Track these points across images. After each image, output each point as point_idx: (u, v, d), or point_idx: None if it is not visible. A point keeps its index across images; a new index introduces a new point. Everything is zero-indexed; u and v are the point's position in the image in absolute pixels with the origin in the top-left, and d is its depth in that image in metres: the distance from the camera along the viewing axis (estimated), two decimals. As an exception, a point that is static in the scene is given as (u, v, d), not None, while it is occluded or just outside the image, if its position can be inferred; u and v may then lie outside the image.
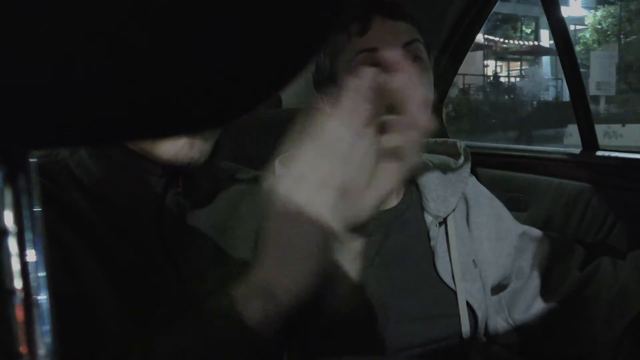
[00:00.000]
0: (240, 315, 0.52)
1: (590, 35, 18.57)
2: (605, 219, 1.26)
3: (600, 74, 12.52)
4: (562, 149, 1.58)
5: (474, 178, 1.24)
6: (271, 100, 1.52)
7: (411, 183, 1.11)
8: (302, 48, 0.24)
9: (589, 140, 1.48)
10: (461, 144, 1.18)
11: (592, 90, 14.37)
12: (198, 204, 0.74)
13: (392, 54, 0.52)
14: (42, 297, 0.27)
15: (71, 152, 0.69)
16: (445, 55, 1.70)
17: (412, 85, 0.51)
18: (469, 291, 1.05)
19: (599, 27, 17.95)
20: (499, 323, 1.13)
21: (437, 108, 1.71)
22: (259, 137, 1.31)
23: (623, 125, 12.93)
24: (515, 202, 1.43)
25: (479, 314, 1.04)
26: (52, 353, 0.27)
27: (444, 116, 1.92)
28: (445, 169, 1.13)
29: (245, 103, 0.25)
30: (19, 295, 0.26)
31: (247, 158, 0.99)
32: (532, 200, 1.44)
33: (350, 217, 0.56)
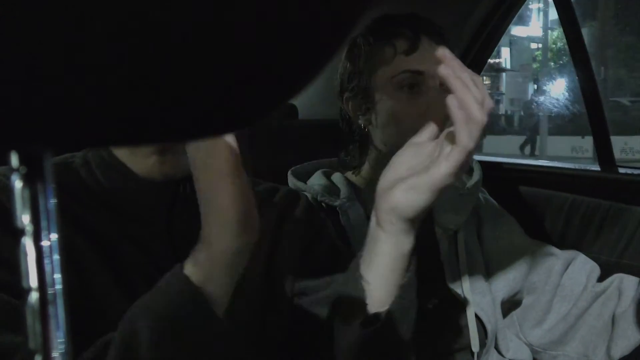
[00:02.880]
0: (184, 277, 0.54)
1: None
2: (620, 236, 1.24)
3: (514, 91, 13.44)
4: (577, 165, 1.56)
5: (485, 193, 1.23)
6: (286, 111, 1.52)
7: None
8: (316, 56, 0.24)
9: (606, 156, 1.46)
10: (472, 158, 1.17)
11: (505, 106, 15.93)
12: None
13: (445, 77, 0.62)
14: (58, 297, 0.27)
15: (83, 161, 0.69)
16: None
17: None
18: (478, 304, 1.04)
19: (554, 46, 18.39)
20: (510, 338, 1.13)
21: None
22: (274, 148, 1.32)
23: (531, 137, 14.82)
24: (529, 217, 1.42)
25: (489, 327, 1.04)
26: (66, 351, 0.28)
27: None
28: (457, 183, 1.13)
29: (253, 112, 0.26)
30: (35, 294, 0.27)
31: (261, 169, 1.00)
32: (546, 216, 1.43)
33: (409, 207, 0.63)
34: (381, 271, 0.65)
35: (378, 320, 0.64)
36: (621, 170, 1.39)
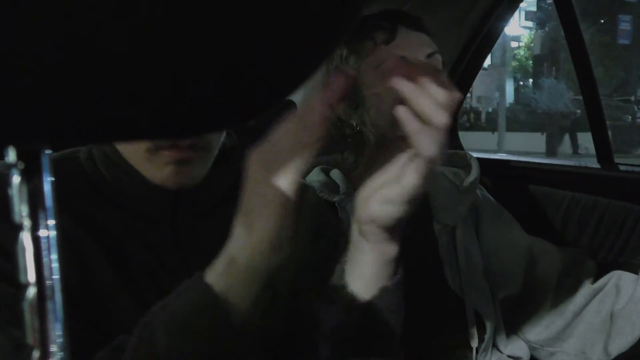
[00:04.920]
0: (205, 286, 0.52)
1: (524, 52, 19.17)
2: (619, 233, 1.24)
3: (481, 89, 13.62)
4: (576, 163, 1.56)
5: (484, 190, 1.24)
6: (284, 107, 1.52)
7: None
8: (314, 53, 0.24)
9: (604, 153, 1.46)
10: (470, 155, 1.18)
11: (473, 103, 16.37)
12: (213, 209, 0.74)
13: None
14: (55, 292, 0.27)
15: (87, 156, 0.69)
16: (457, 74, 1.70)
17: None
18: (477, 301, 1.04)
19: (531, 45, 18.65)
20: (508, 334, 1.13)
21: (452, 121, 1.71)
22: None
23: (493, 133, 15.10)
24: (527, 214, 1.42)
25: (487, 323, 1.04)
26: (63, 348, 0.28)
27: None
28: (455, 179, 1.13)
29: (250, 108, 0.26)
30: (33, 290, 0.27)
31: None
32: (545, 213, 1.43)
33: (384, 215, 0.59)
34: (366, 278, 0.63)
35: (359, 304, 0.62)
36: (621, 168, 1.39)
